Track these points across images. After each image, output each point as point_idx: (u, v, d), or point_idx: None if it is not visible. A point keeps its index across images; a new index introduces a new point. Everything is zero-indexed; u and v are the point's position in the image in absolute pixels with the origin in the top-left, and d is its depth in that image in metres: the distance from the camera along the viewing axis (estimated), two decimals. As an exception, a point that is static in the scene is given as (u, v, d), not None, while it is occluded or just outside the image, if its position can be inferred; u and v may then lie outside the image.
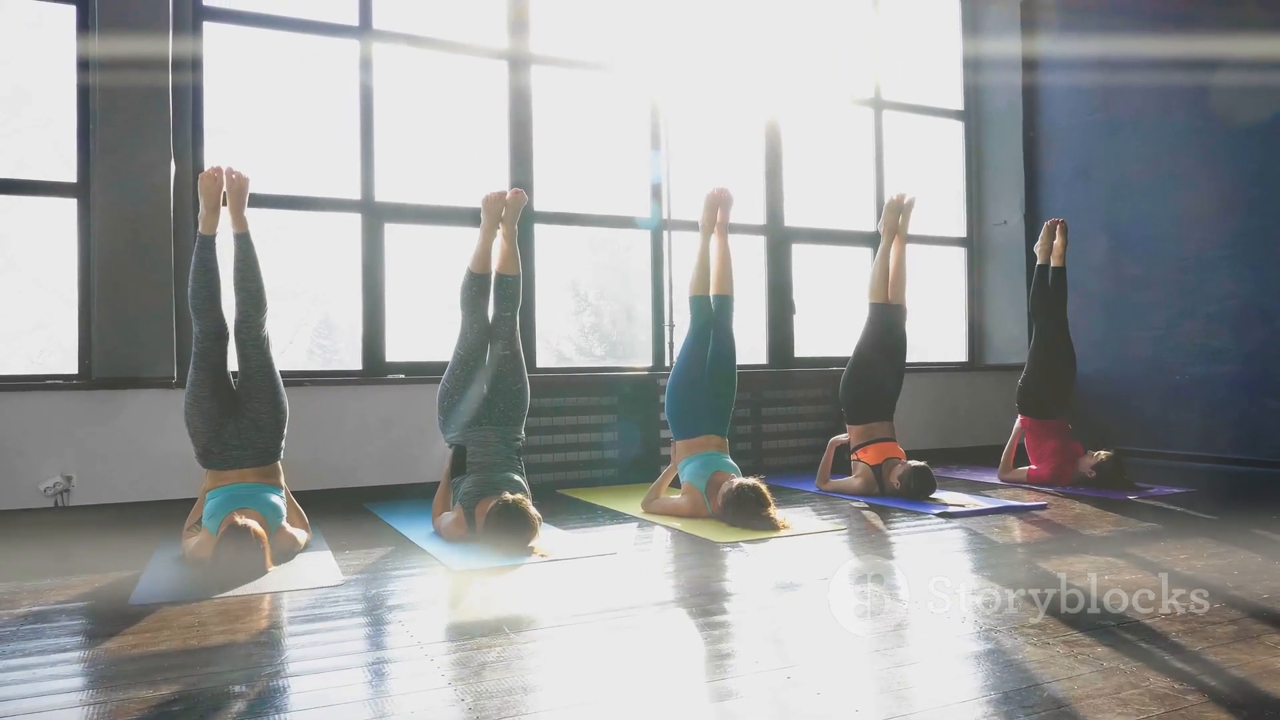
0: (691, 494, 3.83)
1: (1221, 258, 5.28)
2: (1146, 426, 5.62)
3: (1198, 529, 3.51)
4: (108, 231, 4.08)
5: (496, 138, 5.14)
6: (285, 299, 5.44)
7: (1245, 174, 5.17)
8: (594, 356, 5.96)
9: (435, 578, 2.85)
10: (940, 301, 6.67)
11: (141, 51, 4.12)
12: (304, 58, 4.85)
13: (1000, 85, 6.51)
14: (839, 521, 3.78)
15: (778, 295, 5.83)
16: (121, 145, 4.10)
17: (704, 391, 4.03)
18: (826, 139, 6.27)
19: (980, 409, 6.11)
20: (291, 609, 2.52)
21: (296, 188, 4.65)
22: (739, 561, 3.09)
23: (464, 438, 3.51)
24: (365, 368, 4.70)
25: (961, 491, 4.45)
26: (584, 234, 5.67)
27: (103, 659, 2.10)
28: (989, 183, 6.60)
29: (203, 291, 3.22)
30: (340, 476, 4.34)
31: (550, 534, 3.42)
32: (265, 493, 3.15)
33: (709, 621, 2.40)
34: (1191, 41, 5.29)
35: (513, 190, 3.77)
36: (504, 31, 5.13)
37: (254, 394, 3.23)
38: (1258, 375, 5.12)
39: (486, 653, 2.08)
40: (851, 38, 6.30)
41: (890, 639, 2.19)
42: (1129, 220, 5.78)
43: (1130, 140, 5.77)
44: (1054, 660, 1.99)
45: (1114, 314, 5.83)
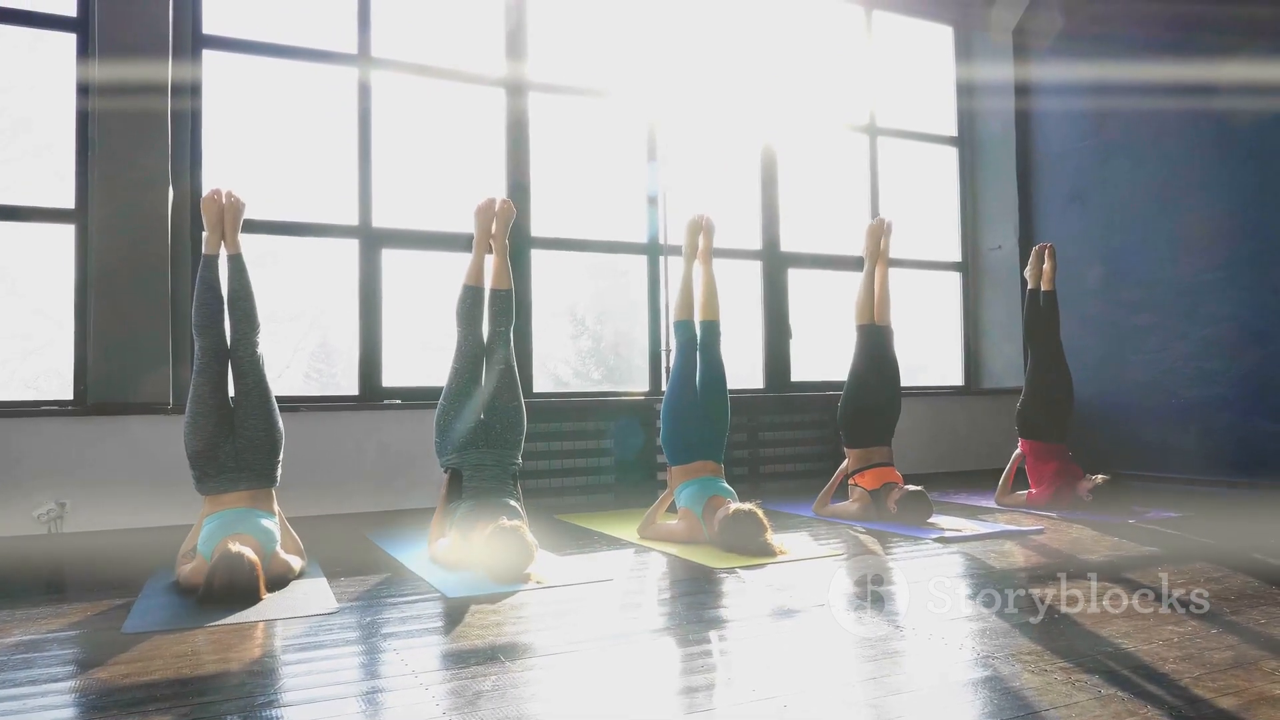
0: (688, 519, 3.82)
1: (1216, 281, 5.31)
2: (1144, 449, 5.63)
3: (1195, 553, 3.50)
4: (104, 257, 4.09)
5: (494, 164, 5.17)
6: (282, 322, 5.45)
7: (1238, 198, 5.21)
8: (591, 381, 5.97)
9: (431, 605, 2.83)
10: (937, 326, 6.69)
11: (141, 78, 4.16)
12: (303, 84, 4.89)
13: (993, 111, 6.56)
14: (836, 547, 3.77)
15: (774, 320, 5.85)
16: (119, 171, 4.13)
17: (696, 418, 4.03)
18: (822, 165, 6.32)
19: (977, 433, 6.11)
20: (285, 637, 2.50)
21: (295, 213, 4.68)
22: (736, 588, 3.08)
23: (460, 461, 3.51)
24: (362, 393, 4.70)
25: (959, 516, 4.44)
26: (582, 259, 5.70)
27: (94, 689, 2.08)
28: (984, 208, 6.64)
29: (204, 310, 3.32)
30: (336, 502, 4.32)
31: (547, 560, 3.41)
32: (260, 518, 3.14)
33: (705, 649, 2.39)
34: (1183, 67, 5.34)
35: (502, 200, 3.79)
36: (502, 58, 5.18)
37: (250, 413, 3.26)
38: (1253, 398, 5.13)
39: (482, 682, 2.07)
40: (846, 64, 6.36)
41: (887, 666, 2.18)
42: (1123, 244, 5.81)
43: (1123, 165, 5.82)
44: (1051, 687, 1.98)
45: (1110, 337, 5.85)
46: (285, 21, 4.80)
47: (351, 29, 4.84)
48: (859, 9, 6.37)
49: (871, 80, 6.38)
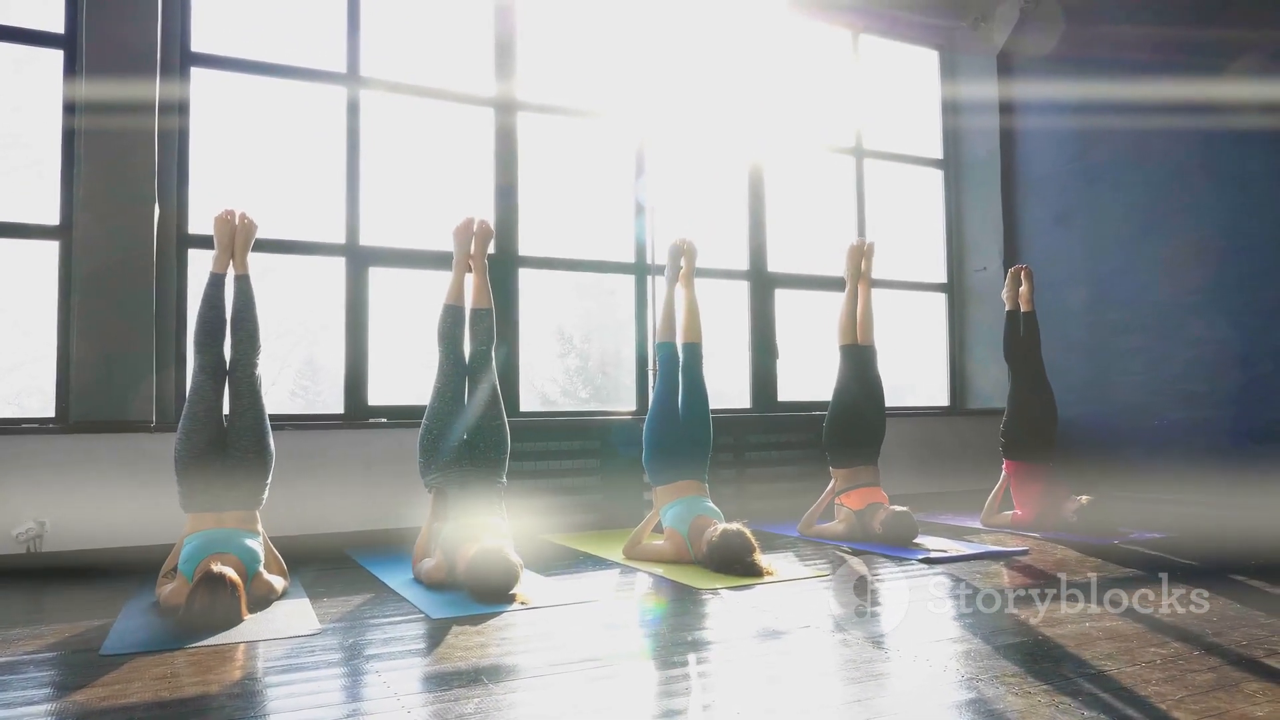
0: (674, 539, 3.81)
1: (1200, 304, 5.36)
2: (1129, 470, 5.65)
3: (1178, 575, 3.51)
4: (88, 274, 4.07)
5: (483, 183, 5.19)
6: (268, 340, 5.43)
7: (1221, 222, 5.27)
8: (579, 399, 5.96)
9: (414, 626, 2.82)
10: (922, 346, 6.72)
11: (128, 95, 4.15)
12: (291, 103, 4.89)
13: (979, 134, 6.63)
14: (822, 567, 3.77)
15: (761, 340, 5.86)
16: (105, 188, 4.11)
17: (679, 438, 4.04)
18: (809, 186, 6.36)
19: (962, 453, 6.13)
20: (267, 659, 2.48)
21: (282, 231, 4.67)
22: (721, 609, 3.07)
23: (445, 480, 3.50)
24: (347, 411, 4.68)
25: (944, 536, 4.45)
26: (571, 279, 5.70)
27: (71, 712, 2.06)
28: (969, 229, 6.69)
29: (205, 326, 3.34)
30: (320, 522, 4.29)
31: (531, 580, 3.39)
32: (243, 538, 3.12)
33: (690, 671, 2.38)
34: (1165, 89, 5.40)
35: (480, 220, 3.80)
36: (491, 78, 5.21)
37: (243, 434, 3.25)
38: (1236, 419, 5.17)
39: (464, 704, 2.06)
40: (833, 86, 6.42)
41: (872, 688, 2.17)
42: (1108, 267, 5.86)
43: (1107, 188, 5.88)
44: (1035, 710, 1.98)
45: (1095, 359, 5.89)
46: (274, 40, 4.81)
47: (341, 48, 4.86)
48: (846, 32, 6.43)
49: (858, 103, 6.44)
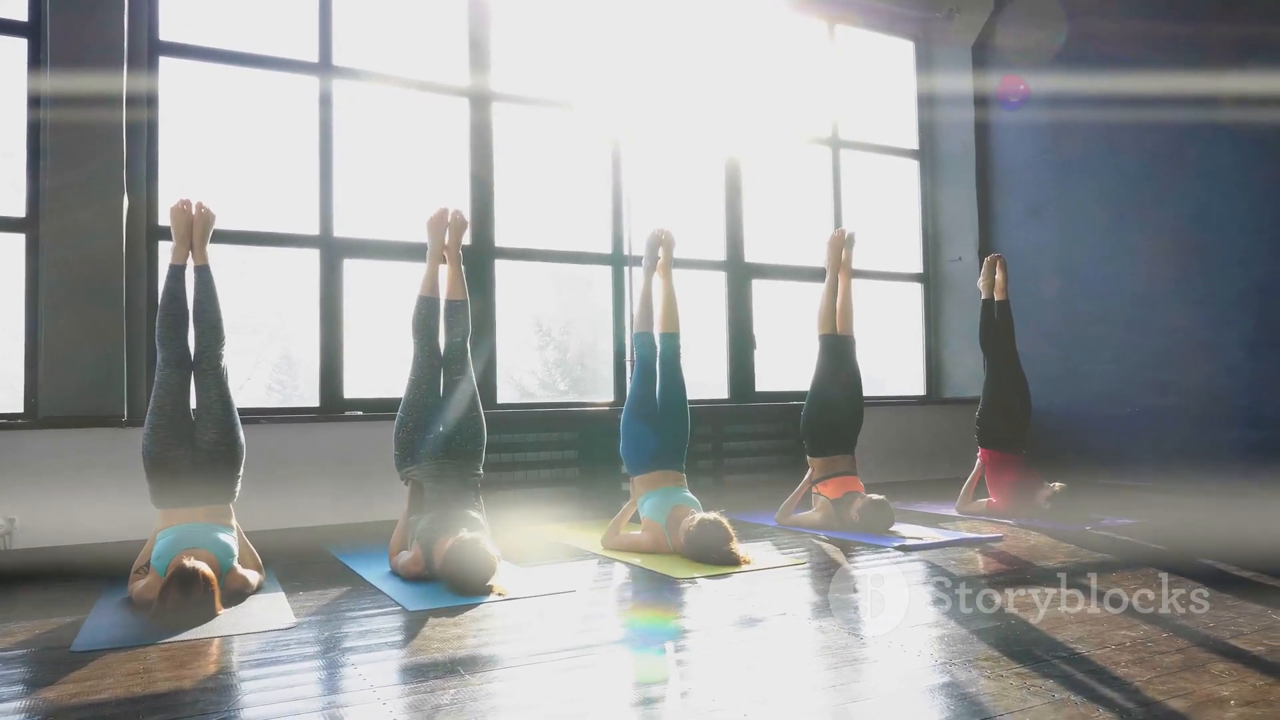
0: (652, 529, 3.82)
1: (1169, 294, 5.43)
2: (1100, 458, 5.72)
3: (1148, 559, 3.56)
4: (56, 267, 4.01)
5: (458, 174, 5.16)
6: (243, 334, 5.37)
7: (1191, 213, 5.33)
8: (557, 391, 5.95)
9: (391, 619, 2.81)
10: (898, 336, 6.76)
11: (95, 86, 4.09)
12: (263, 93, 4.84)
13: (954, 125, 6.66)
14: (800, 555, 3.79)
15: (738, 330, 5.88)
16: (73, 180, 4.05)
17: (656, 428, 4.05)
18: (786, 176, 6.37)
19: (939, 442, 6.18)
20: (242, 653, 2.46)
21: (254, 223, 4.62)
22: (699, 597, 3.08)
23: (421, 473, 3.48)
24: (323, 404, 4.65)
25: (920, 524, 4.48)
26: (547, 270, 5.69)
27: (41, 709, 2.04)
28: (944, 220, 6.73)
29: (168, 319, 3.30)
30: (296, 516, 4.26)
31: (509, 572, 3.39)
32: (216, 532, 3.09)
33: (667, 660, 2.39)
34: (1136, 83, 5.45)
35: (454, 211, 3.78)
36: (465, 69, 5.17)
37: (211, 427, 3.22)
38: (1204, 408, 5.24)
39: (440, 695, 2.05)
40: (809, 77, 6.43)
41: (848, 674, 2.19)
42: (1080, 257, 5.92)
43: (1080, 179, 5.93)
44: (1007, 693, 2.00)
45: (1067, 348, 5.95)
46: (245, 29, 4.75)
47: (313, 37, 4.81)
48: (822, 23, 6.44)
49: (834, 93, 6.45)
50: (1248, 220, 5.08)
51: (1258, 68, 4.94)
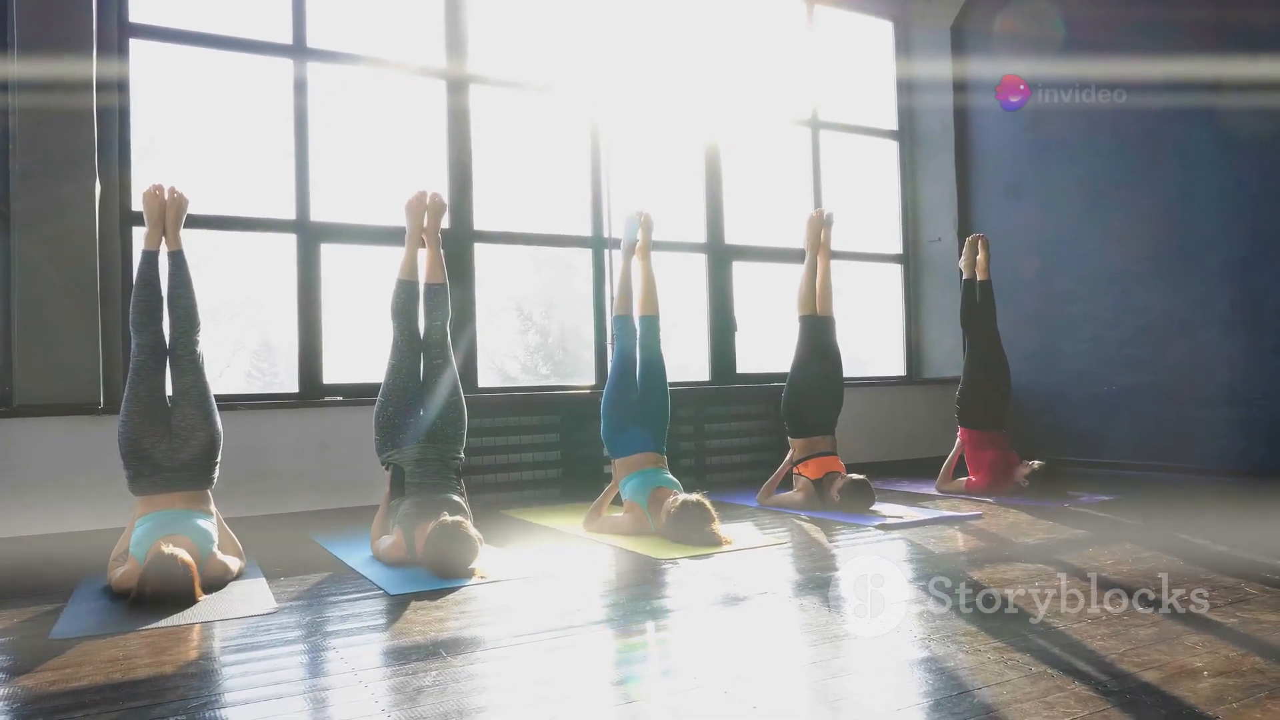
0: (634, 511, 3.83)
1: (1145, 273, 5.47)
2: (1078, 436, 5.78)
3: (1124, 535, 3.61)
4: (28, 254, 3.96)
5: (435, 157, 5.12)
6: (221, 321, 5.33)
7: (1166, 193, 5.37)
8: (539, 375, 5.95)
9: (373, 603, 2.80)
10: (878, 317, 6.79)
11: (64, 68, 4.02)
12: (236, 76, 4.78)
13: (932, 105, 6.67)
14: (781, 535, 3.81)
15: (719, 312, 5.88)
16: (44, 167, 3.99)
17: (637, 411, 4.06)
18: (766, 158, 6.37)
19: (919, 422, 6.22)
20: (223, 639, 2.45)
21: (230, 208, 4.58)
22: (681, 578, 3.10)
23: (402, 458, 3.48)
24: (302, 390, 4.62)
25: (900, 503, 4.52)
26: (528, 253, 5.67)
27: (20, 696, 2.02)
28: (923, 200, 6.75)
29: (141, 305, 3.27)
30: (276, 502, 4.25)
31: (491, 555, 3.39)
32: (195, 519, 3.07)
33: (649, 639, 2.40)
34: (1114, 65, 5.48)
35: (432, 194, 3.77)
36: (442, 51, 5.13)
37: (188, 412, 3.20)
38: (1180, 385, 5.30)
39: (423, 677, 2.05)
40: (788, 58, 6.41)
41: (828, 650, 2.21)
42: (1058, 236, 5.96)
43: (1058, 159, 5.96)
44: (985, 667, 2.03)
45: (1045, 327, 5.99)
46: (218, 11, 4.69)
47: (286, 19, 4.74)
48: (800, 3, 6.42)
49: (813, 74, 6.44)
50: (1224, 200, 5.12)
51: (1236, 51, 4.97)
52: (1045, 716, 1.73)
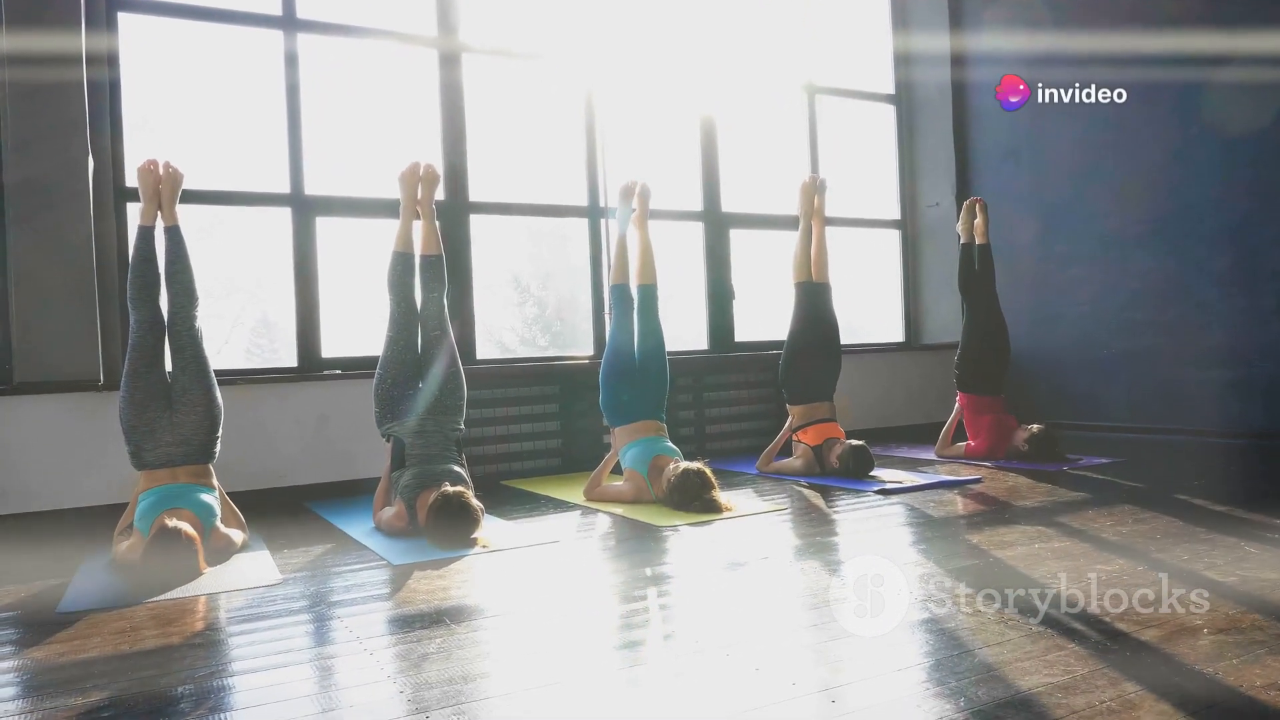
0: (634, 479, 3.85)
1: (1143, 235, 5.46)
2: (1076, 399, 5.79)
3: (1124, 497, 3.63)
4: (23, 232, 3.93)
5: (429, 128, 5.08)
6: (219, 298, 5.32)
7: (1164, 155, 5.34)
8: (537, 347, 5.94)
9: (376, 573, 2.82)
10: (876, 283, 6.78)
11: (53, 44, 3.98)
12: (227, 49, 4.73)
13: (930, 68, 6.60)
14: (781, 502, 3.83)
15: (717, 280, 5.87)
16: (36, 143, 3.95)
17: (635, 379, 4.06)
18: (762, 124, 6.32)
19: (917, 388, 6.23)
20: (228, 609, 2.47)
21: (223, 182, 4.54)
22: (681, 544, 3.11)
23: (402, 430, 3.48)
24: (300, 364, 4.62)
25: (900, 469, 4.54)
26: (523, 224, 5.64)
27: (29, 668, 2.04)
28: (921, 165, 6.71)
29: (139, 281, 3.27)
30: (278, 475, 4.26)
31: (493, 525, 3.41)
32: (198, 493, 3.09)
33: (651, 605, 2.42)
34: (1111, 33, 5.42)
35: (426, 165, 3.75)
36: (434, 21, 5.07)
37: (188, 388, 3.21)
38: (1179, 347, 5.30)
39: (427, 645, 2.07)
40: (784, 20, 6.35)
41: (829, 613, 2.23)
42: (1056, 200, 5.93)
43: (1055, 122, 5.91)
44: (985, 627, 2.05)
45: (1043, 291, 5.98)
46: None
47: (277, -11, 4.68)
48: (795, -33, 6.34)
49: (809, 37, 6.37)
50: (1221, 161, 5.09)
51: (1236, 22, 4.93)
52: (1046, 675, 1.75)
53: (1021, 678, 1.74)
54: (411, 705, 1.72)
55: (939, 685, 1.73)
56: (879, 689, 1.73)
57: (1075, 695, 1.65)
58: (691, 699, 1.74)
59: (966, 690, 1.69)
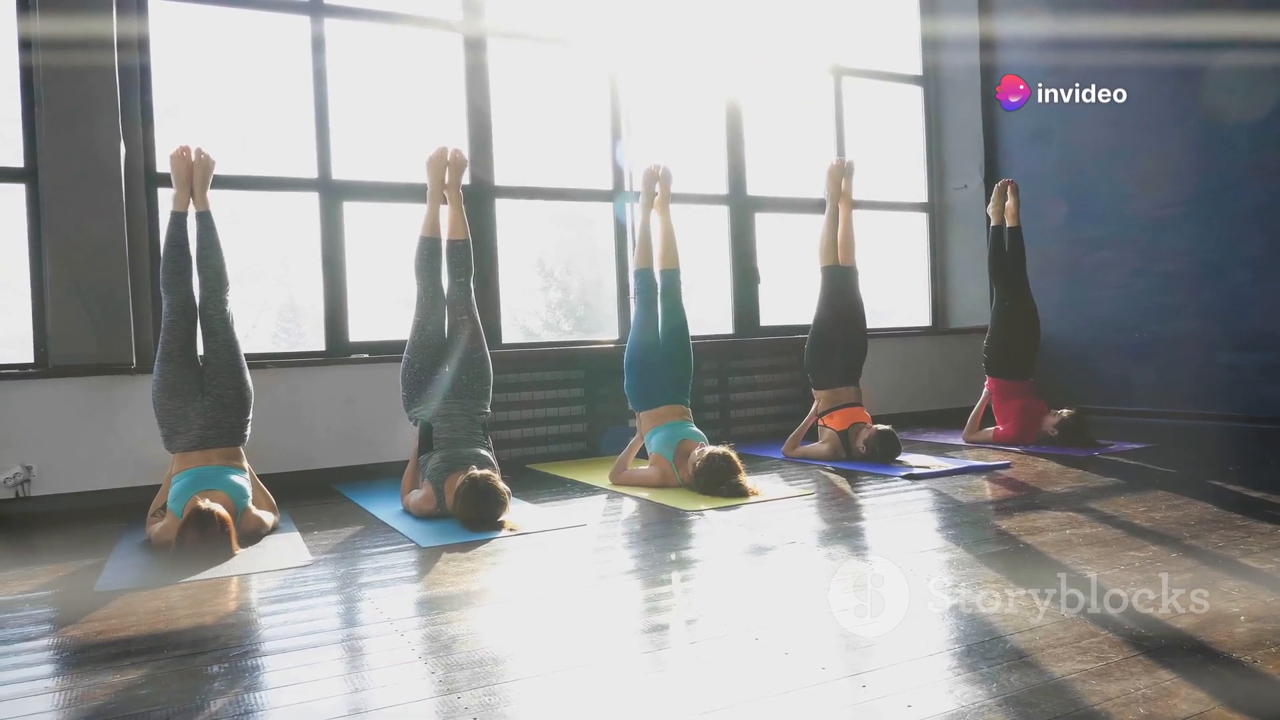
0: (660, 464, 3.85)
1: (1175, 217, 5.37)
2: (1107, 384, 5.72)
3: (1156, 482, 3.59)
4: (58, 216, 3.98)
5: (455, 112, 5.07)
6: (246, 283, 5.35)
7: (1195, 135, 5.24)
8: (562, 331, 5.94)
9: (405, 555, 2.84)
10: (903, 266, 6.72)
11: (86, 34, 4.00)
12: (255, 35, 4.75)
13: (958, 48, 6.51)
14: (807, 486, 3.82)
15: (742, 264, 5.84)
16: (69, 127, 3.99)
17: (660, 364, 4.06)
18: (788, 107, 6.26)
19: (945, 372, 6.18)
20: (260, 590, 2.50)
21: (252, 168, 4.57)
22: (708, 529, 3.11)
23: (429, 414, 3.50)
24: (329, 348, 4.65)
25: (927, 454, 4.51)
26: (547, 209, 5.63)
27: (68, 646, 2.08)
28: (949, 147, 6.64)
29: (171, 266, 3.31)
30: (307, 458, 4.30)
31: (520, 508, 3.42)
32: (230, 474, 3.12)
33: (678, 588, 2.42)
34: (1141, 16, 5.33)
35: (453, 150, 3.75)
36: (459, 4, 5.06)
37: (219, 371, 3.25)
38: (1212, 331, 5.22)
39: (457, 626, 2.09)
40: (810, 4, 6.28)
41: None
42: (1086, 182, 5.84)
43: (1084, 104, 5.81)
44: (1015, 613, 2.03)
45: (1072, 275, 5.91)
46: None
47: (303, -26, 4.69)
48: (822, -53, 6.27)
49: (836, 18, 6.30)
50: (1255, 140, 5.00)
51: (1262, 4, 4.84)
52: (1079, 661, 1.74)
53: (1054, 664, 1.73)
54: (443, 686, 1.73)
55: (970, 671, 1.72)
56: (909, 674, 1.73)
57: (1109, 682, 1.64)
58: (722, 682, 1.74)
59: (998, 676, 1.68)
